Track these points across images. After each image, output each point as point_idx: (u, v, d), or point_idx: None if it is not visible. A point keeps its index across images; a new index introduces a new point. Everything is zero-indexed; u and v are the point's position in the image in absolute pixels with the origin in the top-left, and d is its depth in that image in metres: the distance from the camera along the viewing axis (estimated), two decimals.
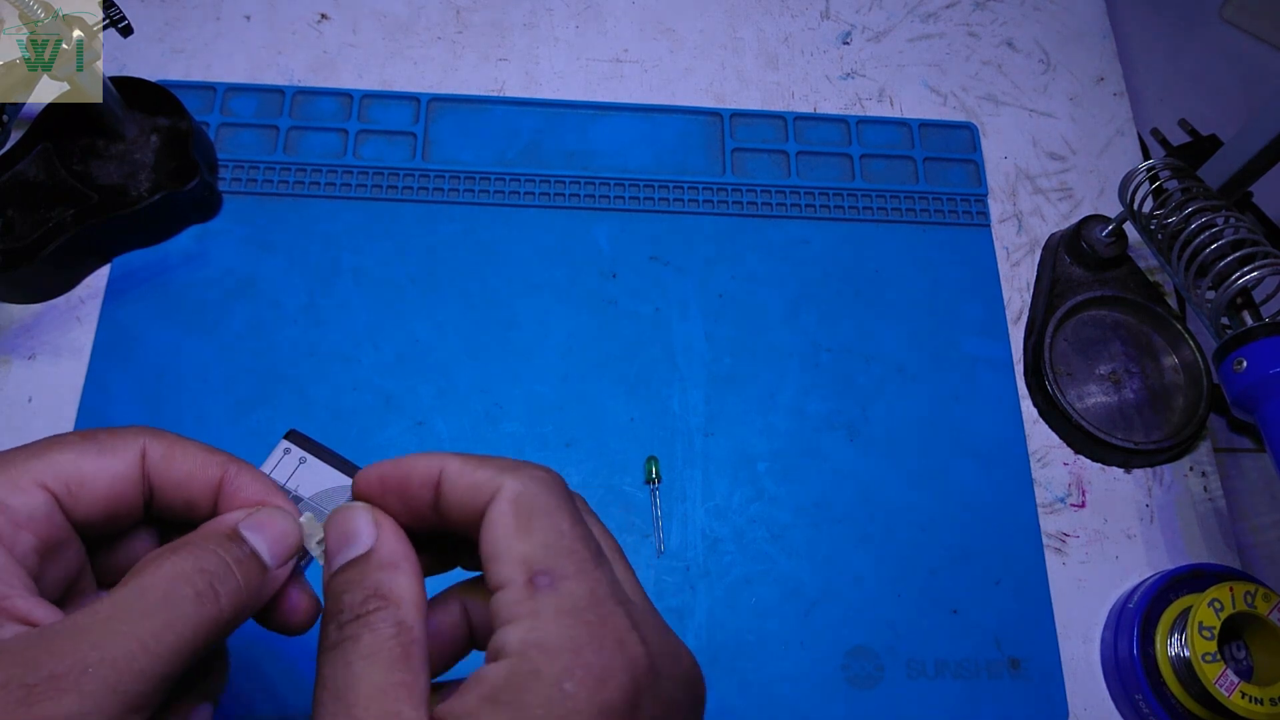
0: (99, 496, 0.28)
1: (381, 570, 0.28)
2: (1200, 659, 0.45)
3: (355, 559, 0.28)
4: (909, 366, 0.56)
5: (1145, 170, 0.53)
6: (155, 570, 0.26)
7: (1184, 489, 0.55)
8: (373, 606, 0.27)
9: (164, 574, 0.25)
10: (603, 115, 0.61)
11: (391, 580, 0.27)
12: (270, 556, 0.28)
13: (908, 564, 0.51)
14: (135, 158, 0.53)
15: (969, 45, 0.66)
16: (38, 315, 0.53)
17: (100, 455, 0.28)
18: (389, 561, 0.28)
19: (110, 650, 0.23)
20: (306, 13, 0.63)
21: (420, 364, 0.53)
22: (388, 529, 0.29)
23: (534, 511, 0.27)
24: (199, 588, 0.26)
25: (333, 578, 0.28)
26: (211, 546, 0.27)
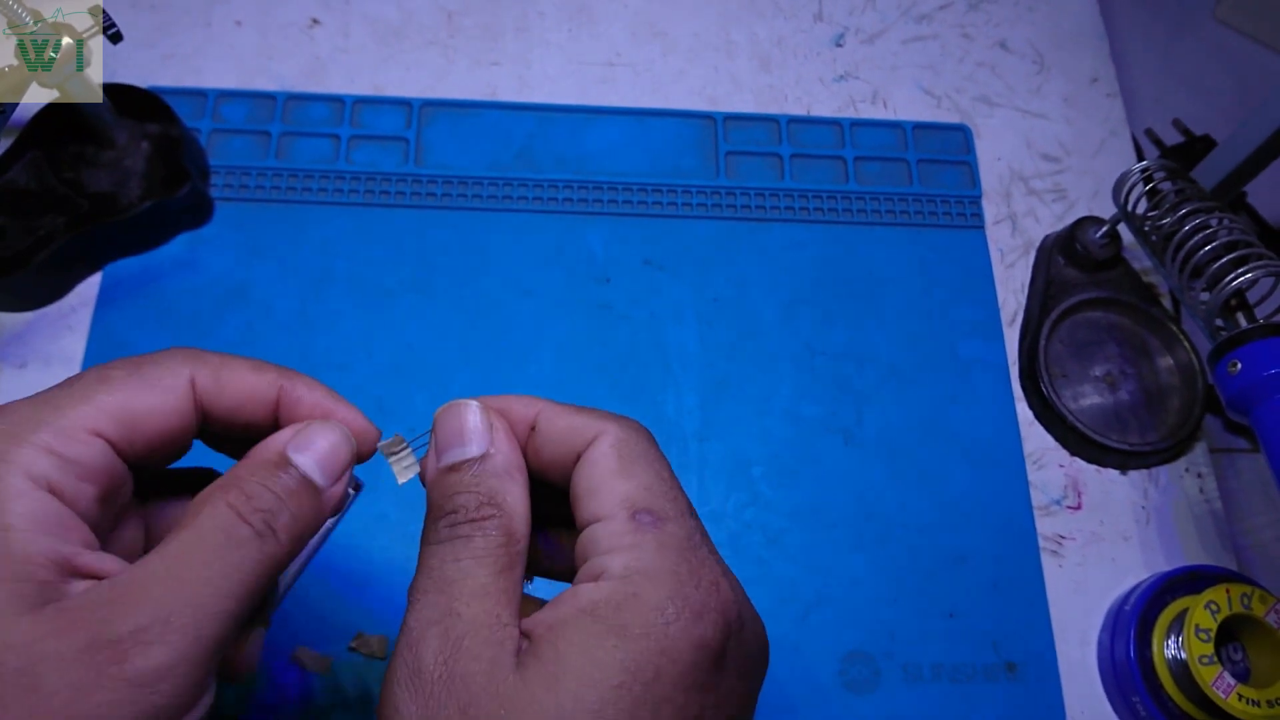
0: (153, 435, 0.27)
1: (497, 478, 0.28)
2: (1197, 661, 0.45)
3: (470, 460, 0.28)
4: (904, 369, 0.56)
5: (1139, 171, 0.53)
6: (212, 514, 0.25)
7: (1180, 490, 0.55)
8: (487, 513, 0.27)
9: (221, 517, 0.25)
10: (595, 119, 0.61)
11: (506, 490, 0.28)
12: (322, 476, 0.28)
13: (904, 567, 0.51)
14: (126, 165, 0.53)
15: (962, 47, 0.66)
16: (29, 323, 0.53)
17: (150, 392, 0.27)
18: (505, 470, 0.28)
19: (186, 599, 0.24)
20: (297, 18, 0.62)
21: (414, 370, 0.53)
22: (502, 435, 0.29)
23: (635, 456, 0.28)
24: (257, 527, 0.26)
25: (445, 475, 0.28)
26: (260, 482, 0.26)
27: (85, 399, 0.26)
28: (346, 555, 0.49)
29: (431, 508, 0.28)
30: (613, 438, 0.29)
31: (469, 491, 0.28)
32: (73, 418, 0.25)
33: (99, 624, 0.22)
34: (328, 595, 0.48)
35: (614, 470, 0.28)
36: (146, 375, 0.27)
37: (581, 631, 0.25)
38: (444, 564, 0.27)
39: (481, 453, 0.28)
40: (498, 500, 0.28)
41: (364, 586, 0.49)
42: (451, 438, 0.29)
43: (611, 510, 0.27)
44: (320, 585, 0.48)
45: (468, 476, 0.28)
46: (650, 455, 0.29)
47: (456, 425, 0.29)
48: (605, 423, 0.29)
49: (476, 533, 0.27)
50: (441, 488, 0.28)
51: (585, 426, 0.29)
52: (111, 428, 0.26)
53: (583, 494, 0.28)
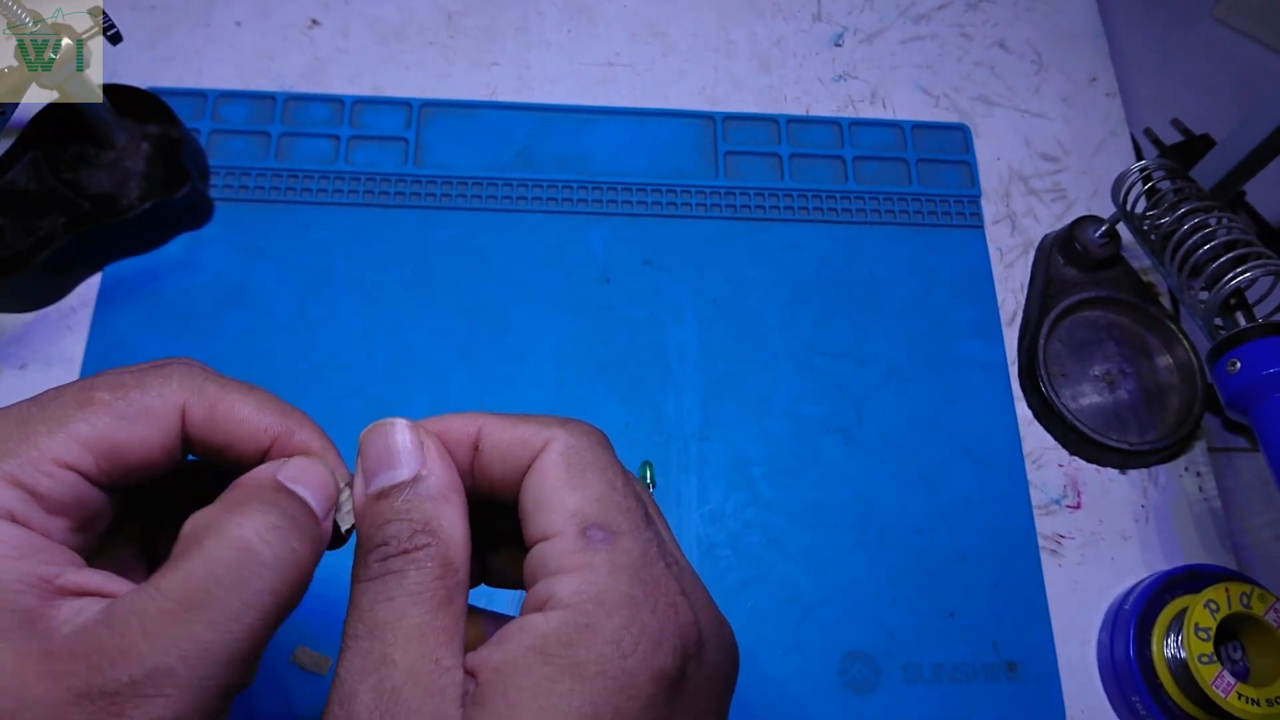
0: (132, 466, 0.25)
1: (431, 502, 0.26)
2: (1196, 660, 0.45)
3: (401, 484, 0.26)
4: (903, 369, 0.56)
5: (1138, 171, 0.53)
6: (219, 539, 0.23)
7: (1179, 490, 0.55)
8: (421, 542, 0.25)
9: (231, 541, 0.23)
10: (595, 119, 0.61)
11: (441, 514, 0.26)
12: (318, 507, 0.26)
13: (904, 567, 0.51)
14: (126, 165, 0.53)
15: (961, 46, 0.66)
16: (29, 324, 0.53)
17: (134, 423, 0.25)
18: (439, 492, 0.26)
19: (191, 643, 0.21)
20: (297, 18, 0.62)
21: (413, 371, 0.53)
22: (435, 454, 0.27)
23: (586, 465, 0.26)
24: (276, 549, 0.23)
25: (374, 503, 0.26)
26: (268, 503, 0.24)
27: (59, 426, 0.24)
28: (346, 555, 0.49)
29: (361, 540, 0.26)
30: (561, 445, 0.26)
31: (400, 519, 0.25)
32: (42, 448, 0.23)
33: (93, 671, 0.21)
34: (326, 595, 0.48)
35: (562, 481, 0.26)
36: (133, 402, 0.25)
37: (532, 675, 0.23)
38: (375, 604, 0.24)
39: (413, 475, 0.26)
40: (432, 527, 0.25)
41: None
42: (379, 461, 0.26)
43: (560, 526, 0.25)
44: (318, 584, 0.48)
45: (398, 502, 0.26)
46: (601, 462, 0.26)
47: (384, 446, 0.26)
48: (553, 429, 0.27)
49: (410, 566, 0.24)
50: (371, 517, 0.26)
51: (532, 436, 0.27)
52: (86, 459, 0.24)
53: (530, 509, 0.26)
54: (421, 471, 0.26)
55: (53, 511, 0.24)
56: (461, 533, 0.26)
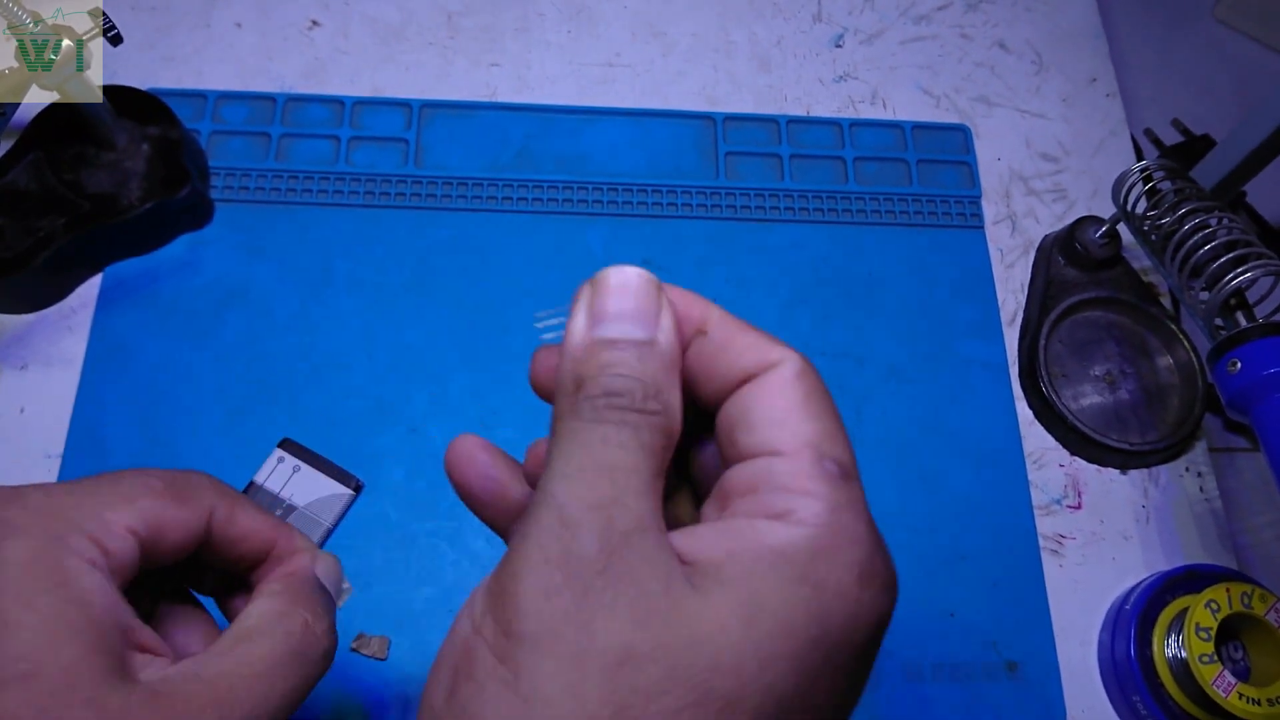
0: (170, 545, 0.29)
1: (666, 373, 0.24)
2: (1197, 660, 0.45)
3: (634, 340, 0.24)
4: (903, 369, 0.56)
5: (1138, 171, 0.53)
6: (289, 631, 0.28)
7: (1180, 490, 0.55)
8: (653, 408, 0.23)
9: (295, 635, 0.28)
10: (595, 120, 0.61)
11: (671, 387, 0.24)
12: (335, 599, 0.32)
13: (904, 567, 0.51)
14: (126, 166, 0.53)
15: (961, 47, 0.66)
16: (30, 325, 0.53)
17: (180, 508, 0.29)
18: (671, 364, 0.24)
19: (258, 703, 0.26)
20: (297, 19, 0.62)
21: (413, 371, 0.53)
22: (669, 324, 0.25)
23: (819, 396, 0.25)
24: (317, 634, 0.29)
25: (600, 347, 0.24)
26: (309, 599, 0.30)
27: (129, 499, 0.28)
28: (346, 555, 0.49)
29: (576, 379, 0.24)
30: (795, 367, 0.25)
31: (633, 376, 0.23)
32: (115, 513, 0.27)
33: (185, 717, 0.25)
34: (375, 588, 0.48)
35: (797, 404, 0.24)
36: (179, 491, 0.29)
37: (775, 572, 0.22)
38: (607, 445, 0.22)
39: (648, 338, 0.24)
40: (664, 398, 0.24)
41: (365, 587, 0.49)
42: (619, 309, 0.24)
43: (794, 448, 0.24)
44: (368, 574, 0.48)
45: (630, 356, 0.24)
46: (830, 399, 0.25)
47: (627, 295, 0.24)
48: (786, 350, 0.25)
49: (644, 425, 0.23)
50: (595, 359, 0.24)
51: (766, 348, 0.25)
52: (144, 530, 0.28)
53: (757, 420, 0.24)
54: (658, 337, 0.24)
55: (114, 571, 0.26)
56: (679, 413, 0.24)
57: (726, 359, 0.25)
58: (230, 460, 0.50)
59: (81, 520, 0.26)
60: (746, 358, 0.25)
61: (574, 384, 0.24)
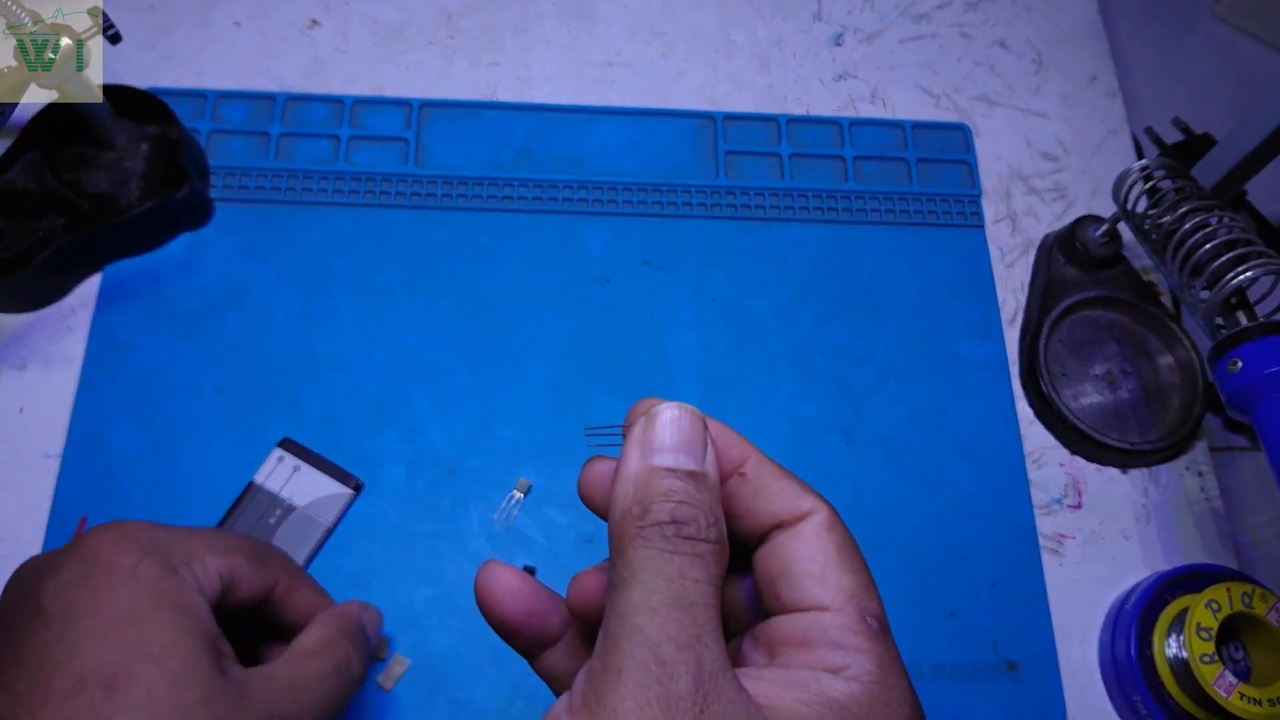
0: (241, 597, 0.36)
1: (716, 503, 0.25)
2: (1198, 660, 0.45)
3: (690, 471, 0.25)
4: (903, 369, 0.56)
5: (1139, 170, 0.53)
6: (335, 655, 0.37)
7: (1180, 489, 0.55)
8: (714, 536, 0.24)
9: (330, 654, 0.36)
10: (595, 119, 0.61)
11: (722, 521, 0.25)
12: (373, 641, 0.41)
13: (904, 567, 0.51)
14: (125, 166, 0.53)
15: (961, 46, 0.66)
16: (29, 324, 0.53)
17: (257, 571, 0.36)
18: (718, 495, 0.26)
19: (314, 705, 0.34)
20: (297, 18, 0.62)
21: (413, 371, 0.53)
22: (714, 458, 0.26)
23: (852, 548, 0.27)
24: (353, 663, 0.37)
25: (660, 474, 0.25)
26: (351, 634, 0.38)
27: (224, 552, 0.35)
28: (346, 556, 0.49)
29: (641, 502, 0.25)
30: (827, 518, 0.27)
31: (696, 505, 0.25)
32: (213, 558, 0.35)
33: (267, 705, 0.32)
34: None
35: (834, 558, 0.26)
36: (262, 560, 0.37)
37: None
38: (684, 579, 0.23)
39: (700, 469, 0.25)
40: (720, 527, 0.25)
41: (365, 588, 0.49)
42: (675, 440, 0.26)
43: (839, 603, 0.25)
44: None
45: (688, 485, 0.25)
46: (858, 549, 0.27)
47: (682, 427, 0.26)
48: (817, 500, 0.27)
49: (710, 557, 0.24)
50: (655, 485, 0.25)
51: (798, 496, 0.27)
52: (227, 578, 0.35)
53: (799, 575, 0.26)
54: (707, 469, 0.26)
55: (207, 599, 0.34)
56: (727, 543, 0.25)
57: (761, 503, 0.27)
58: (230, 460, 0.50)
59: (189, 558, 0.34)
60: (779, 504, 0.27)
61: (640, 508, 0.24)
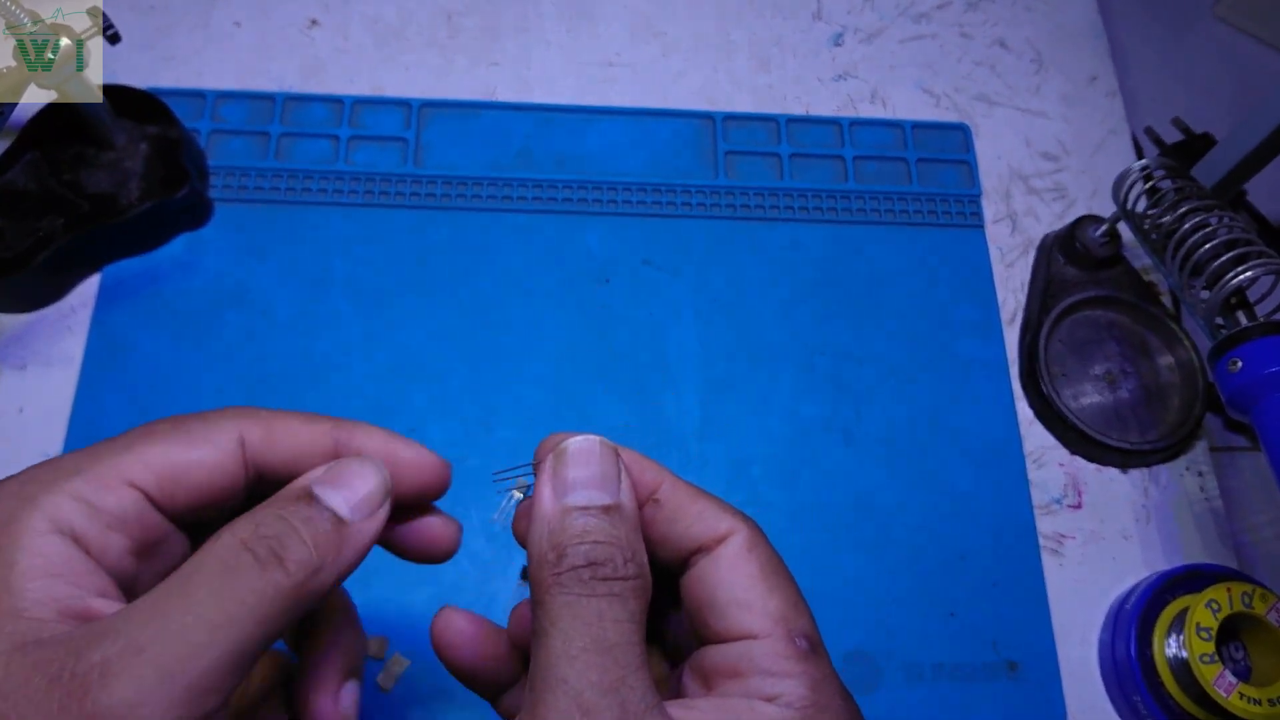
0: (194, 489, 0.26)
1: (634, 535, 0.25)
2: (1198, 660, 0.45)
3: (607, 506, 0.25)
4: (903, 369, 0.56)
5: (1139, 170, 0.53)
6: (212, 543, 0.23)
7: (1180, 489, 0.54)
8: (633, 572, 0.24)
9: (220, 545, 0.23)
10: (595, 119, 0.61)
11: (642, 552, 0.25)
12: (349, 510, 0.25)
13: (904, 567, 0.51)
14: (125, 166, 0.53)
15: (961, 46, 0.66)
16: (28, 324, 0.53)
17: (192, 446, 0.26)
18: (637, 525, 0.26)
19: (161, 626, 0.21)
20: (296, 19, 0.62)
21: (413, 371, 0.53)
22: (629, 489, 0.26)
23: (776, 567, 0.27)
24: (259, 553, 0.23)
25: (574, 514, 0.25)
26: (274, 510, 0.25)
27: (126, 449, 0.25)
28: None
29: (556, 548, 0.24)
30: (746, 538, 0.27)
31: (611, 543, 0.24)
32: (108, 466, 0.25)
33: (69, 655, 0.21)
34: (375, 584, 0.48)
35: (757, 579, 0.26)
36: (192, 429, 0.26)
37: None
38: (604, 621, 0.23)
39: (615, 502, 0.25)
40: (639, 560, 0.25)
41: (364, 587, 0.49)
42: (582, 475, 0.26)
43: (767, 628, 0.25)
44: None
45: (603, 522, 0.25)
46: (783, 564, 0.27)
47: (591, 462, 0.26)
48: (735, 519, 0.27)
49: (629, 593, 0.24)
50: (570, 528, 0.25)
51: (715, 517, 0.27)
52: (149, 479, 0.25)
53: (724, 602, 0.26)
54: (622, 500, 0.26)
55: (113, 528, 0.24)
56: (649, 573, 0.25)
57: (679, 529, 0.27)
58: None
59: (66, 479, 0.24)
60: (697, 528, 0.27)
61: (555, 553, 0.24)
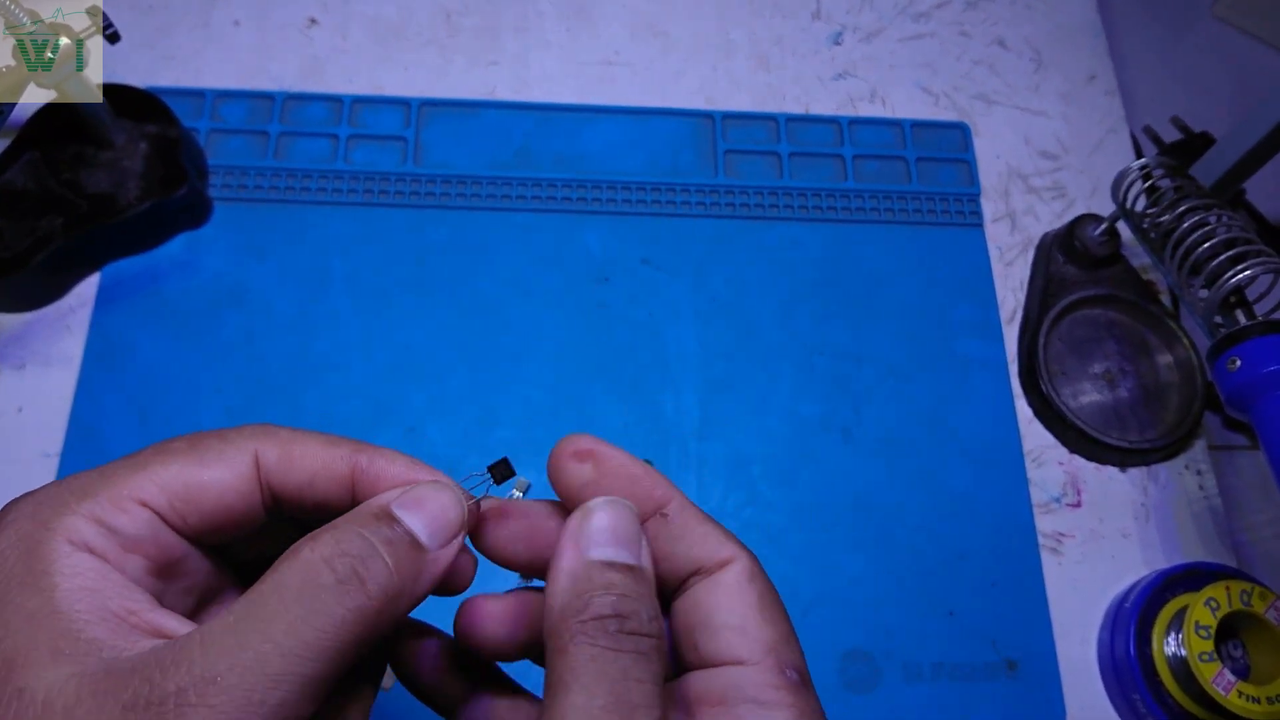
0: (208, 510, 0.25)
1: (654, 597, 0.25)
2: (1197, 658, 0.45)
3: (633, 567, 0.25)
4: (903, 368, 0.56)
5: (1138, 169, 0.53)
6: (290, 562, 0.23)
7: (1179, 488, 0.55)
8: (656, 630, 0.24)
9: (299, 564, 0.22)
10: (594, 118, 0.61)
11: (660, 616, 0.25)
12: (428, 536, 0.25)
13: (903, 566, 0.51)
14: (124, 165, 0.53)
15: (960, 45, 0.66)
16: (27, 324, 0.53)
17: (205, 466, 0.25)
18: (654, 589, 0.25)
19: (239, 656, 0.21)
20: (295, 18, 0.62)
21: (412, 370, 0.53)
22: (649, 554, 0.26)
23: (773, 600, 0.27)
24: (340, 574, 0.22)
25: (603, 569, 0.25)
26: (355, 528, 0.24)
27: (138, 469, 0.25)
28: None
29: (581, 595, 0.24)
30: (747, 568, 0.27)
31: (636, 598, 0.24)
32: (120, 487, 0.24)
33: (144, 683, 0.20)
34: None
35: (754, 608, 0.26)
36: (207, 448, 0.25)
37: None
38: (628, 680, 0.23)
39: (638, 565, 0.25)
40: (661, 623, 0.25)
41: None
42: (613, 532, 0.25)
43: (758, 657, 0.25)
44: None
45: (628, 578, 0.25)
46: (779, 599, 0.27)
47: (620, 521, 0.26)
48: (738, 548, 0.27)
49: (653, 651, 0.24)
50: (596, 578, 0.24)
51: (719, 543, 0.27)
52: (161, 499, 0.24)
53: (719, 626, 0.26)
54: (645, 565, 0.26)
55: (129, 549, 0.24)
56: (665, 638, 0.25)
57: (682, 547, 0.27)
58: None
59: (80, 501, 0.23)
60: (700, 550, 0.27)
61: (579, 602, 0.24)
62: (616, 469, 0.27)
